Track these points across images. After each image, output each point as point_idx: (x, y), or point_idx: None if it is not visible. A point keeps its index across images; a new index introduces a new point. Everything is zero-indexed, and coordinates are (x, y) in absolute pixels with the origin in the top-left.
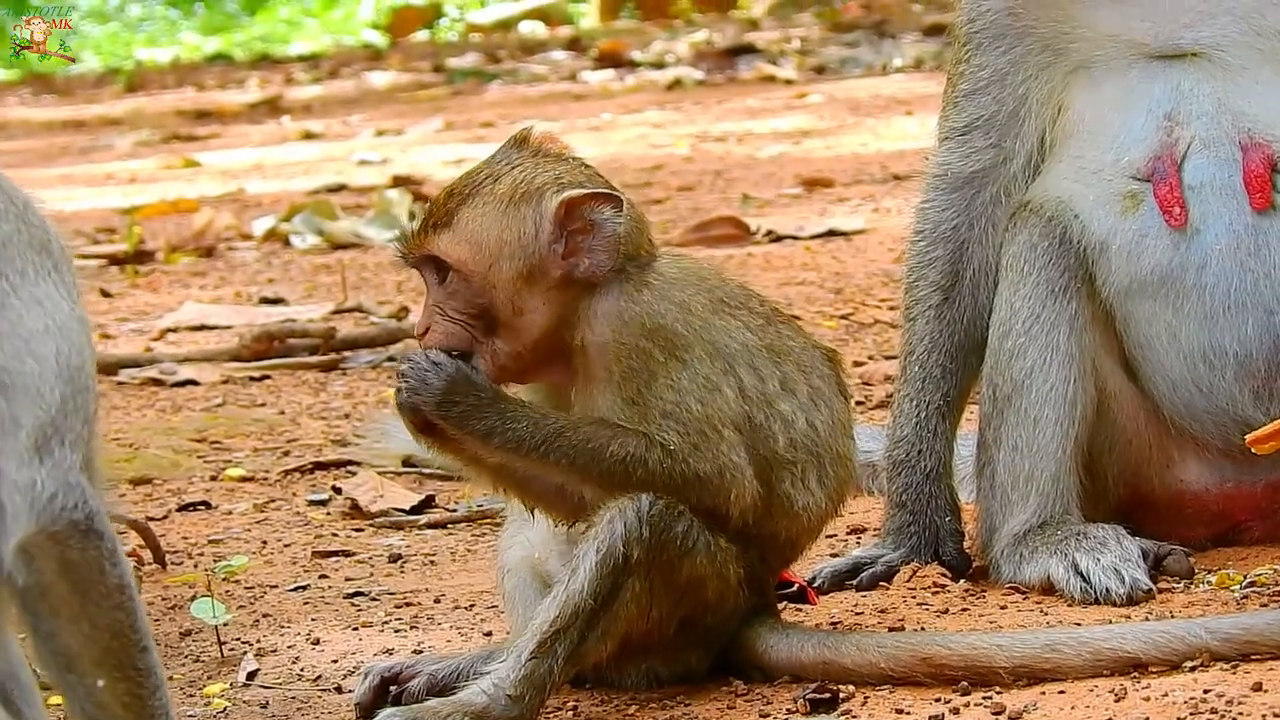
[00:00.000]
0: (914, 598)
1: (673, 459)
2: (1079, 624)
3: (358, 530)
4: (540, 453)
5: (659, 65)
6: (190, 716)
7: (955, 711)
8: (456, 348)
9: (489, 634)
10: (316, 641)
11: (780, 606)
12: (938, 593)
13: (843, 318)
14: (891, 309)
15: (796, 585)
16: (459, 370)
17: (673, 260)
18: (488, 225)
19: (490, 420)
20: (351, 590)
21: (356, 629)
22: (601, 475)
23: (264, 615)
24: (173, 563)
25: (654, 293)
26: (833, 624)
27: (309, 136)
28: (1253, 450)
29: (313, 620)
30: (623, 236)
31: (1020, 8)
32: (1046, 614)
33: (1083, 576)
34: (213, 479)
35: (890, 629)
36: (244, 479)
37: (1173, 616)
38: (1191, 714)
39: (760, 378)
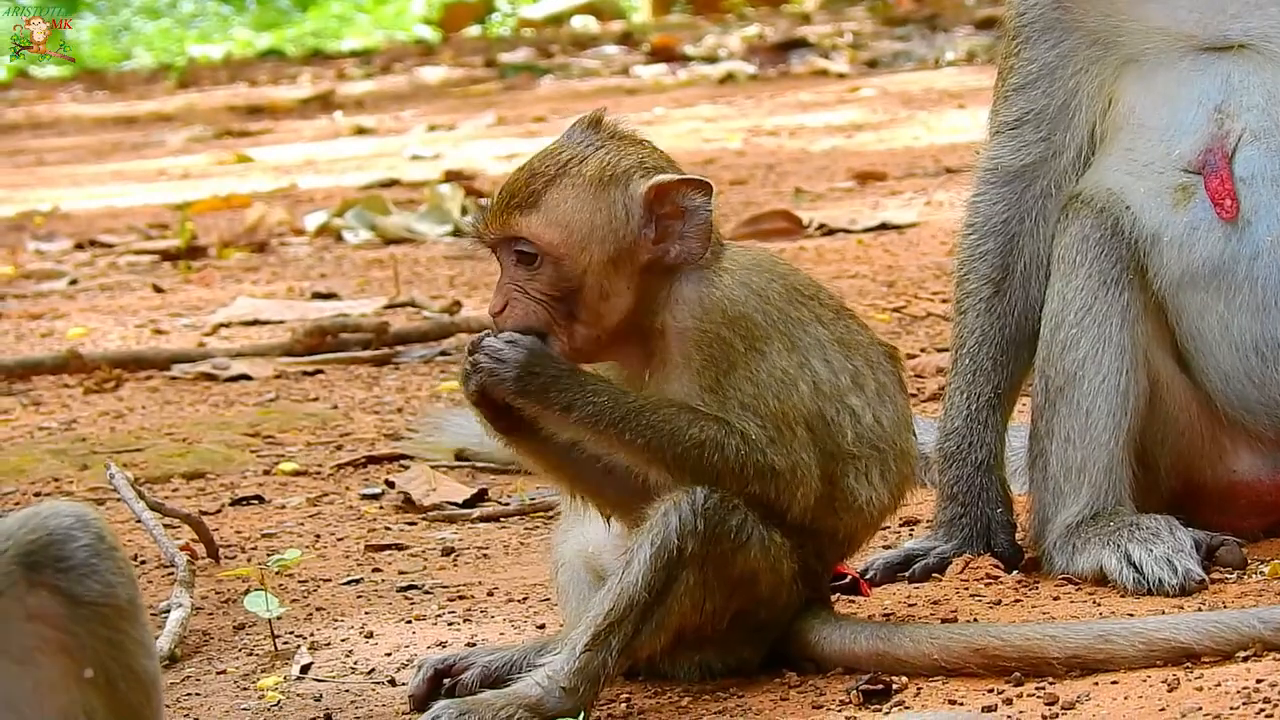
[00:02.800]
0: (966, 589)
1: (750, 448)
2: (1132, 615)
3: (411, 524)
4: (618, 429)
5: (711, 59)
6: (244, 709)
7: (1008, 702)
8: (535, 327)
9: (542, 626)
10: (370, 635)
11: (833, 598)
12: (990, 584)
13: (895, 311)
14: (944, 302)
15: (849, 577)
16: (535, 344)
17: (742, 249)
18: (577, 207)
19: (570, 393)
20: (405, 583)
21: (410, 622)
22: (676, 459)
23: (317, 609)
24: (226, 557)
25: (734, 279)
26: (885, 616)
27: (361, 132)
28: None
29: (366, 613)
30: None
31: (1069, 1)
32: (1099, 605)
33: (1135, 567)
34: (266, 473)
35: (943, 620)
36: (297, 473)
37: (1225, 607)
38: (1244, 704)
39: (833, 371)
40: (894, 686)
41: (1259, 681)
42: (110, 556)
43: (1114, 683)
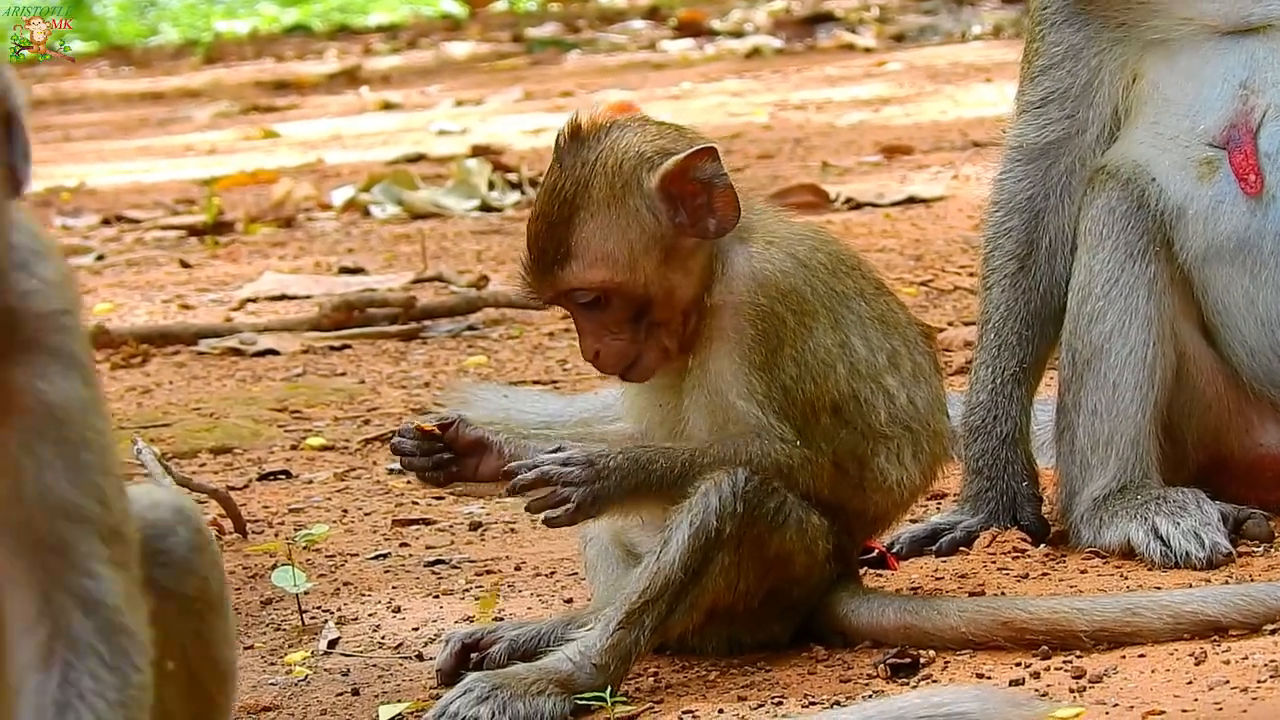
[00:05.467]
0: (993, 563)
1: (788, 446)
2: (1159, 588)
3: (438, 498)
4: (679, 486)
5: (738, 34)
6: (272, 684)
7: (1036, 675)
8: (628, 360)
9: (569, 601)
10: (397, 609)
11: (861, 572)
12: (1017, 558)
13: (922, 284)
14: (971, 275)
15: (877, 551)
16: (588, 461)
17: (779, 218)
18: (607, 235)
19: (632, 479)
20: (432, 558)
21: (437, 597)
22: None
23: (345, 583)
24: (253, 532)
25: (780, 250)
26: (913, 589)
27: (388, 107)
28: None
29: (393, 588)
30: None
31: None
32: (1126, 578)
33: (1162, 540)
34: (293, 448)
35: (970, 594)
36: (324, 448)
37: (1253, 580)
38: (1271, 676)
39: (871, 350)
40: (921, 660)
41: None
42: (207, 550)
43: (1141, 656)
